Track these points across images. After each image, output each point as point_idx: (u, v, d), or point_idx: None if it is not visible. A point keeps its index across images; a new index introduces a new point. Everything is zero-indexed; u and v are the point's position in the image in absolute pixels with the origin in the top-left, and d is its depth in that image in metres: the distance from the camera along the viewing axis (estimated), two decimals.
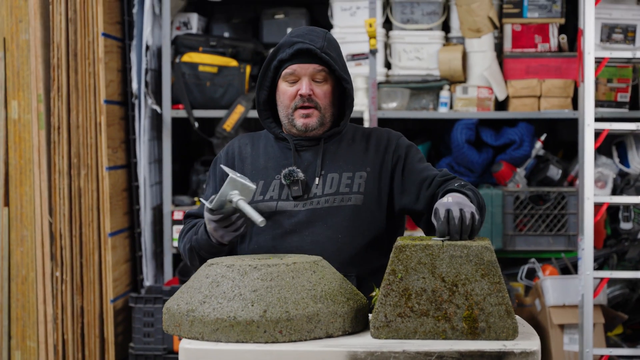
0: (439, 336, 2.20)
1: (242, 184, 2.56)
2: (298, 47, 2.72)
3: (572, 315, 4.88)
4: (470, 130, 5.32)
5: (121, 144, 5.19)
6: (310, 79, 2.74)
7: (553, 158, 5.41)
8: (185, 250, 2.81)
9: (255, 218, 2.50)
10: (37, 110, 4.88)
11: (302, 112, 2.74)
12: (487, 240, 2.26)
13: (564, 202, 5.22)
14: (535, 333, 2.26)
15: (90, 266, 4.92)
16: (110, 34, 5.05)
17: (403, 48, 5.39)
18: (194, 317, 2.23)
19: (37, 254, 4.88)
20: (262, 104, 2.83)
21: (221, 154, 2.90)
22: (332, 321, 2.24)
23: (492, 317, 2.19)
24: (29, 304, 4.90)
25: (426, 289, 2.20)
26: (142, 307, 4.96)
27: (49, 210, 4.89)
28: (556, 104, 5.30)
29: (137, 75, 5.20)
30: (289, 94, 2.75)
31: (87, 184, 4.92)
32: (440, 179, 2.72)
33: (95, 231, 4.93)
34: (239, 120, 5.27)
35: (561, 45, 5.39)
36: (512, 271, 5.42)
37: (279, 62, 2.75)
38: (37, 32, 4.85)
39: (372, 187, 2.75)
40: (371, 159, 2.79)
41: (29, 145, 4.89)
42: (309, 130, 2.76)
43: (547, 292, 4.95)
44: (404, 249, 2.22)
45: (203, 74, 5.30)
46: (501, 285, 2.19)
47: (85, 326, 4.93)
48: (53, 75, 4.88)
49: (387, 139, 2.83)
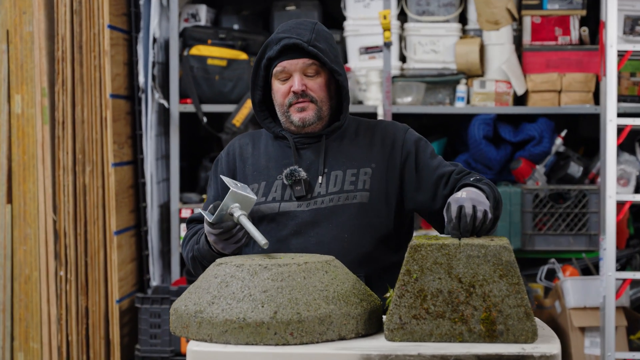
0: (455, 339, 2.20)
1: (242, 197, 2.52)
2: (284, 43, 2.71)
3: (594, 318, 4.87)
4: (488, 126, 5.31)
5: (127, 139, 5.20)
6: (302, 74, 2.73)
7: (574, 155, 5.40)
8: (188, 259, 2.81)
9: (258, 239, 2.46)
10: (41, 105, 4.89)
11: (298, 106, 2.74)
12: (505, 240, 2.25)
13: (585, 201, 5.20)
14: (555, 336, 2.26)
15: (95, 265, 4.93)
16: (117, 26, 5.06)
17: (418, 41, 5.38)
18: (202, 319, 2.23)
19: (40, 252, 4.89)
20: (258, 104, 2.83)
21: (222, 155, 2.90)
22: (345, 323, 2.24)
23: (510, 319, 2.18)
24: (32, 304, 4.92)
25: (442, 290, 2.20)
26: (148, 308, 4.96)
27: (53, 207, 4.90)
28: (577, 98, 5.28)
29: (144, 68, 5.21)
30: (282, 91, 2.75)
31: (92, 180, 4.93)
32: (456, 176, 2.71)
33: (101, 229, 4.94)
34: (248, 115, 5.27)
35: (582, 37, 5.37)
36: (531, 272, 5.41)
37: (268, 61, 2.75)
38: (41, 24, 4.86)
39: (378, 184, 2.74)
40: (376, 154, 2.77)
41: (32, 140, 4.90)
42: (306, 124, 2.75)
43: (567, 293, 4.93)
44: (420, 249, 2.21)
45: (212, 68, 5.30)
46: (520, 286, 2.18)
47: (90, 327, 4.94)
48: (57, 69, 4.89)
49: (394, 133, 2.81)
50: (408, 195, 2.76)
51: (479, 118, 5.31)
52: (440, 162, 2.78)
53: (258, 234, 2.48)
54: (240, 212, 2.52)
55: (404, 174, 2.76)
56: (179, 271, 5.29)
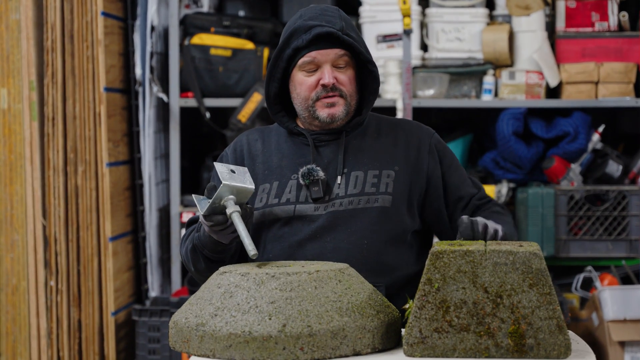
0: (481, 354, 2.20)
1: (237, 188, 2.51)
2: (317, 31, 2.69)
3: (635, 331, 4.86)
4: (518, 121, 5.31)
5: (123, 137, 5.21)
6: (332, 66, 2.73)
7: (612, 152, 5.39)
8: (187, 253, 2.76)
9: (247, 248, 2.44)
10: (29, 99, 4.91)
11: (326, 101, 2.73)
12: (535, 246, 2.25)
13: (624, 203, 5.20)
14: (591, 351, 2.26)
15: (88, 274, 4.95)
16: (111, 13, 5.08)
17: (441, 28, 5.39)
18: (204, 332, 2.24)
19: (29, 260, 4.91)
20: (272, 97, 2.82)
21: (227, 152, 2.90)
22: (360, 337, 2.25)
23: (541, 332, 2.18)
24: (20, 317, 4.94)
25: (467, 300, 2.20)
26: (146, 321, 4.98)
27: (42, 211, 4.92)
28: (616, 90, 5.28)
29: (141, 59, 5.22)
30: (308, 84, 2.74)
31: (85, 182, 4.95)
32: (477, 202, 2.81)
33: (95, 235, 4.95)
34: (255, 110, 5.29)
35: (622, 24, 5.36)
36: (566, 281, 5.40)
37: (294, 51, 2.73)
38: (29, 11, 4.88)
39: (401, 188, 2.75)
40: (400, 156, 2.79)
41: (20, 138, 4.92)
42: (335, 121, 2.75)
43: (605, 304, 4.93)
44: (442, 256, 2.22)
45: (215, 58, 5.32)
46: (552, 296, 2.19)
47: (83, 342, 4.96)
48: (47, 60, 4.91)
49: (419, 137, 2.83)
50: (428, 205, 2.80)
51: (508, 112, 5.30)
52: (461, 178, 2.83)
53: (249, 240, 2.46)
54: (233, 208, 2.50)
55: (430, 181, 2.79)
56: (180, 281, 5.30)
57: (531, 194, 5.20)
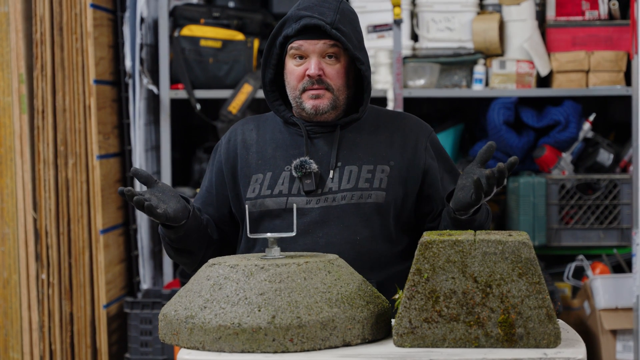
0: (470, 344, 2.20)
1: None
2: (305, 22, 2.69)
3: (626, 320, 4.87)
4: (509, 110, 5.31)
5: (114, 129, 5.21)
6: (320, 57, 2.72)
7: (603, 141, 5.39)
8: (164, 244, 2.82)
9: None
10: (19, 92, 4.90)
11: (312, 92, 2.72)
12: (525, 235, 2.25)
13: (616, 191, 5.20)
14: (581, 339, 2.26)
15: (80, 267, 4.94)
16: (100, 4, 5.07)
17: (432, 17, 5.38)
18: (194, 324, 2.24)
19: (20, 254, 4.91)
20: (268, 84, 2.82)
21: (222, 141, 2.89)
22: (350, 327, 2.25)
23: (531, 321, 2.18)
24: (11, 311, 4.93)
25: (456, 290, 2.20)
26: (138, 313, 4.98)
27: (32, 204, 4.91)
28: (607, 79, 5.28)
29: (130, 51, 5.22)
30: (296, 74, 2.73)
31: (75, 174, 4.94)
32: None
33: (86, 228, 4.95)
34: (246, 101, 5.28)
35: (612, 12, 5.36)
36: (558, 270, 5.41)
37: (284, 38, 2.73)
38: (17, 3, 4.87)
39: (396, 184, 2.74)
40: (396, 152, 2.78)
41: (9, 131, 4.91)
42: (319, 113, 2.73)
43: (597, 293, 4.94)
44: (431, 245, 2.22)
45: (205, 50, 5.31)
46: (541, 285, 2.19)
47: (75, 335, 4.96)
48: (36, 53, 4.90)
49: (417, 133, 2.82)
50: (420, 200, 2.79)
51: (499, 102, 5.31)
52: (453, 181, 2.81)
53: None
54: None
55: (425, 179, 2.78)
56: (172, 273, 5.30)
57: (522, 183, 5.21)
